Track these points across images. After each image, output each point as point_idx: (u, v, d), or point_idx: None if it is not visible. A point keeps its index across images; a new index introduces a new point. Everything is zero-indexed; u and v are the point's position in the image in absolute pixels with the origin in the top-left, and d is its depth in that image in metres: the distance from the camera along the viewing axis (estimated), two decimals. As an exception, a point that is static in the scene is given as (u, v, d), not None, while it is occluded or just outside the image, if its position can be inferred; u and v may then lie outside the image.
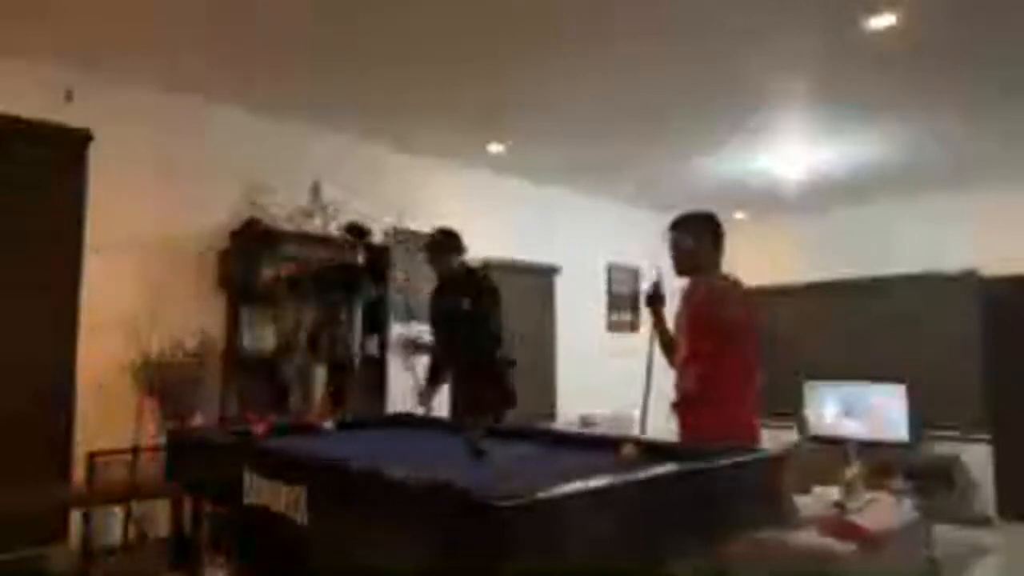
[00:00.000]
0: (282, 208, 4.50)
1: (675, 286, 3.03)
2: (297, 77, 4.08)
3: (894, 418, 6.11)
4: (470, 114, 4.66)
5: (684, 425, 2.91)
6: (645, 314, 6.95)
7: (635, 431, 3.29)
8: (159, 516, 3.89)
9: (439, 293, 4.05)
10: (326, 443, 2.69)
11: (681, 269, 2.99)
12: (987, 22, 3.33)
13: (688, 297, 2.96)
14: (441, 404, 4.11)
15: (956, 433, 6.13)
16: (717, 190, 6.16)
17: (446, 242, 3.93)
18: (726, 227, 3.02)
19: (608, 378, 6.40)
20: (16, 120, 3.68)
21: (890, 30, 3.37)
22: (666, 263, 3.05)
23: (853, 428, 6.20)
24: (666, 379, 3.08)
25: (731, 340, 2.76)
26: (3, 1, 3.21)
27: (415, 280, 5.20)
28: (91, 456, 3.77)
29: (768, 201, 6.72)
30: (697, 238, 2.95)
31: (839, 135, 5.00)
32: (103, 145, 3.95)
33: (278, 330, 4.48)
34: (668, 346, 3.11)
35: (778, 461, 2.28)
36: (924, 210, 6.56)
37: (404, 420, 3.42)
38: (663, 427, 3.04)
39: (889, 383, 6.16)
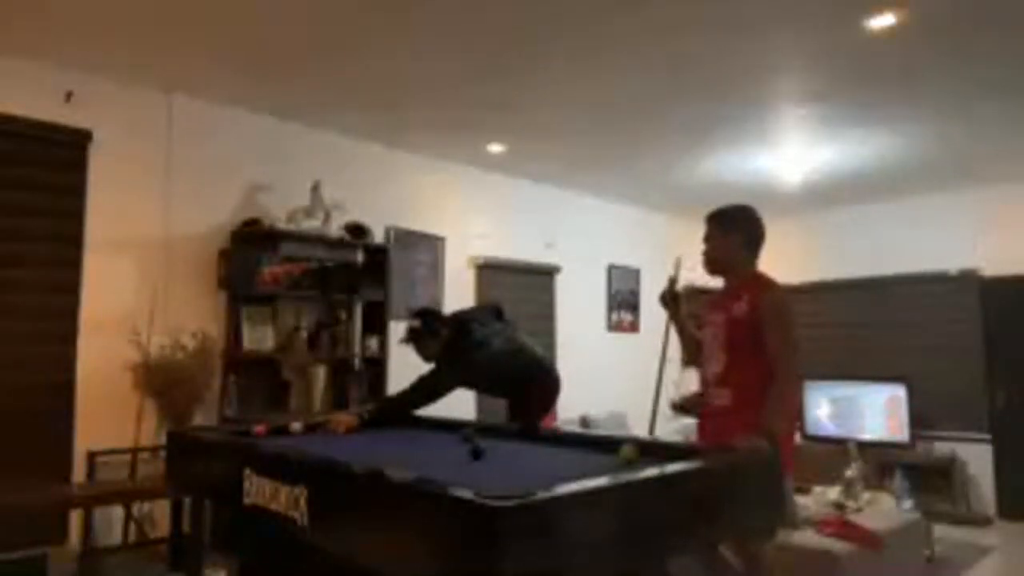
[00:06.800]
0: (282, 208, 4.51)
1: (691, 277, 2.91)
2: (297, 77, 4.07)
3: (894, 418, 6.11)
4: (470, 114, 4.66)
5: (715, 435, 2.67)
6: (645, 316, 6.87)
7: (638, 431, 3.28)
8: (159, 516, 3.90)
9: (454, 368, 3.49)
10: (326, 444, 2.70)
11: (708, 264, 2.82)
12: (987, 22, 3.33)
13: (729, 301, 2.73)
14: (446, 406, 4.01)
15: (956, 433, 6.13)
16: (717, 190, 6.14)
17: (420, 328, 3.52)
18: None
19: (608, 378, 6.41)
20: (16, 120, 3.68)
21: (890, 30, 3.37)
22: (689, 259, 2.94)
23: (853, 428, 6.21)
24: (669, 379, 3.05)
25: (796, 349, 2.61)
26: (4, 1, 3.21)
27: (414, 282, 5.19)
28: (91, 456, 3.78)
29: (768, 201, 6.70)
30: (727, 233, 2.75)
31: (839, 135, 5.00)
32: (103, 145, 3.95)
33: (278, 330, 4.49)
34: (691, 347, 2.94)
35: (779, 462, 2.28)
36: (924, 210, 6.56)
37: (398, 420, 3.41)
38: (667, 428, 3.04)
39: (889, 383, 6.16)
